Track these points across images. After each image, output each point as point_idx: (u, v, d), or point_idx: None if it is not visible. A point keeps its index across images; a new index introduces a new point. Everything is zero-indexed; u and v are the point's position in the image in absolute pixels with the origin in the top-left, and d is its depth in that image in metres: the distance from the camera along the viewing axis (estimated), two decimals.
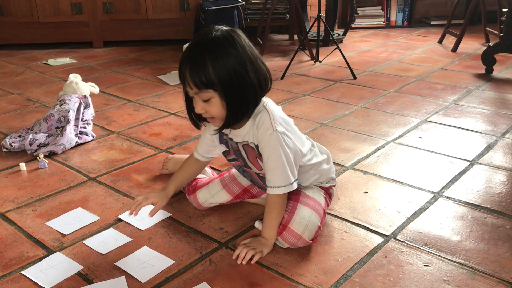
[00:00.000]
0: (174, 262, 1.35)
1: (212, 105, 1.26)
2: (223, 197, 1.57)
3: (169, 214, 1.58)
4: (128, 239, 1.45)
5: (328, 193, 1.52)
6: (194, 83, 1.23)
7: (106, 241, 1.45)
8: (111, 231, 1.50)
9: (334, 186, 1.55)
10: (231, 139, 1.41)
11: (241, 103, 1.27)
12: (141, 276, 1.29)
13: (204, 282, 1.26)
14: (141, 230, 1.49)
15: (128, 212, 1.53)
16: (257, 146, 1.34)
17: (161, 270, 1.31)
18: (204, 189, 1.57)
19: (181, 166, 1.58)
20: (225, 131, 1.41)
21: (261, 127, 1.30)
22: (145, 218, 1.54)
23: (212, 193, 1.56)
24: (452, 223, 1.50)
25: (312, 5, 4.57)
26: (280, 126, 1.30)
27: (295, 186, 1.35)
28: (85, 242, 1.44)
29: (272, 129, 1.29)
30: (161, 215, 1.57)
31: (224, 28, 1.26)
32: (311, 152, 1.45)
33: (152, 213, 1.45)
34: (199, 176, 1.67)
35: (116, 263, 1.34)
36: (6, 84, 3.07)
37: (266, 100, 1.35)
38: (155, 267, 1.32)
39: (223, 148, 1.49)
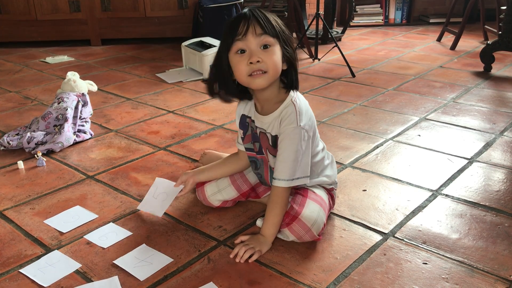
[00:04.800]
0: (173, 260, 1.34)
1: (271, 53, 1.28)
2: (230, 193, 1.56)
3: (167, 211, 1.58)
4: (129, 233, 1.46)
5: (331, 194, 1.53)
6: (262, 26, 1.28)
7: (107, 235, 1.45)
8: (111, 225, 1.50)
9: (335, 189, 1.57)
10: (253, 121, 1.44)
11: (292, 66, 1.34)
12: (139, 274, 1.28)
13: (211, 282, 1.25)
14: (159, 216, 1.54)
15: (144, 202, 1.59)
16: (273, 137, 1.37)
17: (159, 268, 1.31)
18: (213, 182, 1.57)
19: (222, 160, 1.61)
20: (250, 113, 1.44)
21: (286, 119, 1.33)
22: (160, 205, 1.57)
23: (220, 188, 1.56)
24: (450, 221, 1.50)
25: (310, 3, 4.56)
26: (303, 122, 1.33)
27: (296, 183, 1.35)
28: (86, 236, 1.45)
29: (296, 123, 1.32)
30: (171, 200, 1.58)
31: None
32: (322, 152, 1.48)
33: (181, 194, 1.58)
34: None
35: (115, 261, 1.34)
36: (4, 82, 3.06)
37: (295, 95, 1.37)
38: (154, 265, 1.32)
39: (240, 133, 1.51)
